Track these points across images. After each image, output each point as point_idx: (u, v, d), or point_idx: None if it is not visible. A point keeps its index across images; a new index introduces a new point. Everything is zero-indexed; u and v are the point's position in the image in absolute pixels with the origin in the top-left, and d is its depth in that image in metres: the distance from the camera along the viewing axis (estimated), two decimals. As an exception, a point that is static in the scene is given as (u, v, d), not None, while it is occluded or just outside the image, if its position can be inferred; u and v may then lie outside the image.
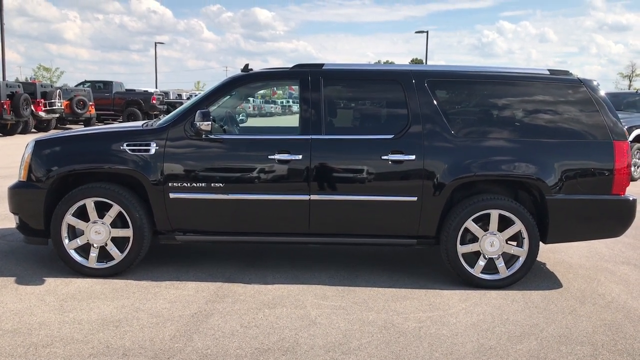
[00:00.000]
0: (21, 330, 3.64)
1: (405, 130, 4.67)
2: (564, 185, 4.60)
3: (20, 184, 4.81)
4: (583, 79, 4.84)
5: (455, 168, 4.59)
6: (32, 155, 4.76)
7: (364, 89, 5.09)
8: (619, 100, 12.99)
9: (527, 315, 4.10)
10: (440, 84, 4.85)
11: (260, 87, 5.88)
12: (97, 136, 5.04)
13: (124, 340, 3.53)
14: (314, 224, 4.70)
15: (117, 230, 4.70)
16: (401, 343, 3.60)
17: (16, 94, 19.16)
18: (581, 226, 4.76)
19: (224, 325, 3.79)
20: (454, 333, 3.77)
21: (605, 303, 4.40)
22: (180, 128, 4.71)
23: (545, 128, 4.72)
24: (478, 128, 4.75)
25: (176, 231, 4.79)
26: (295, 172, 4.64)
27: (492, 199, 4.62)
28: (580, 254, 5.79)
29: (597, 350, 3.56)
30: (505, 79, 4.85)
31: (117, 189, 4.66)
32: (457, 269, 4.66)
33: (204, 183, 4.64)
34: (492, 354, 3.47)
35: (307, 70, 4.87)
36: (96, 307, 4.05)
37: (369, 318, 3.98)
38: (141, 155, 4.65)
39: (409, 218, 4.66)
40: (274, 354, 3.40)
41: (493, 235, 4.63)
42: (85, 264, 4.70)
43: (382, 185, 4.66)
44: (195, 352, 3.40)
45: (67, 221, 4.67)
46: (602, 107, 4.72)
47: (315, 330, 3.76)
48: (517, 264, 4.67)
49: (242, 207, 4.70)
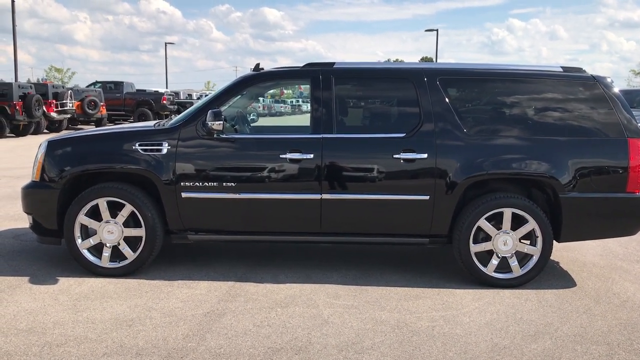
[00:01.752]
0: (35, 329, 3.67)
1: (417, 128, 4.64)
2: (578, 183, 4.55)
3: (33, 184, 4.85)
4: (596, 76, 4.79)
5: (468, 166, 4.56)
6: (44, 156, 4.79)
7: (376, 87, 5.07)
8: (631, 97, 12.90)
9: (541, 315, 4.06)
10: (452, 82, 4.82)
11: (271, 86, 5.87)
12: (109, 136, 5.06)
13: (137, 339, 3.55)
14: (326, 223, 4.69)
15: (129, 229, 4.72)
16: (414, 342, 3.58)
17: (28, 95, 19.34)
18: (595, 224, 4.72)
19: (236, 325, 3.80)
20: (468, 332, 3.74)
21: (620, 302, 4.36)
22: (192, 128, 4.72)
23: (558, 126, 4.67)
24: (490, 126, 4.71)
25: (188, 230, 4.80)
26: (307, 171, 4.63)
27: (505, 197, 4.59)
28: (594, 253, 5.73)
29: (612, 350, 3.52)
30: (517, 77, 4.81)
31: (129, 188, 4.68)
32: (470, 268, 4.63)
33: (215, 182, 4.65)
34: (506, 354, 3.45)
35: (318, 69, 4.86)
36: (109, 307, 4.07)
37: (382, 317, 3.97)
38: (153, 155, 4.66)
39: (421, 217, 4.64)
40: (286, 353, 3.40)
41: (506, 234, 4.60)
42: (98, 263, 4.72)
43: (394, 184, 4.64)
44: (208, 351, 3.41)
45: (80, 221, 4.69)
46: (616, 104, 4.67)
47: (328, 329, 3.75)
48: (531, 262, 4.63)
49: (253, 207, 4.70)
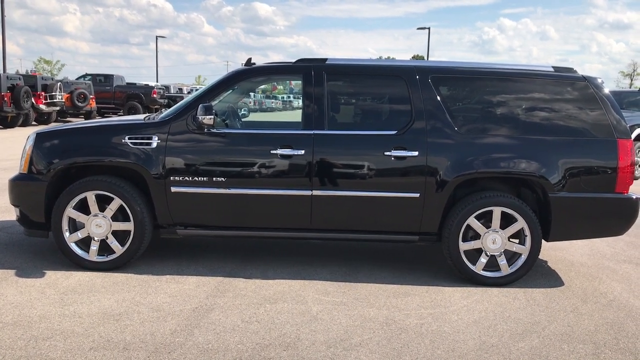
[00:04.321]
0: (21, 323, 3.63)
1: (408, 126, 4.64)
2: (567, 183, 4.58)
3: (21, 176, 4.80)
4: (587, 76, 4.81)
5: (458, 165, 4.57)
6: (33, 148, 4.74)
7: (367, 84, 5.06)
8: (620, 98, 12.96)
9: (529, 313, 4.09)
10: (444, 80, 4.83)
11: (262, 81, 5.85)
12: (99, 129, 5.02)
13: (124, 334, 3.52)
14: (316, 219, 4.69)
15: (118, 223, 4.68)
16: (402, 339, 3.59)
17: (17, 86, 19.13)
18: (584, 224, 4.75)
19: (224, 320, 3.78)
20: (456, 330, 3.75)
21: (607, 301, 4.39)
22: (182, 122, 4.69)
23: (548, 125, 4.69)
24: (481, 125, 4.72)
25: (177, 225, 4.78)
26: (298, 167, 4.62)
27: (494, 196, 4.61)
28: (582, 252, 5.77)
29: (599, 349, 3.55)
30: (509, 76, 4.82)
31: (118, 182, 4.64)
32: (459, 266, 4.65)
33: (205, 177, 4.63)
34: (494, 352, 3.46)
35: (310, 65, 4.84)
36: (97, 301, 4.04)
37: (371, 314, 3.97)
38: (143, 149, 4.63)
39: (411, 214, 4.64)
40: (275, 349, 3.39)
41: (495, 233, 4.62)
42: (85, 257, 4.69)
43: (384, 181, 4.64)
44: (196, 346, 3.39)
45: (68, 214, 4.65)
46: (607, 105, 4.70)
47: (317, 325, 3.75)
48: (519, 261, 4.66)
49: (243, 202, 4.68)
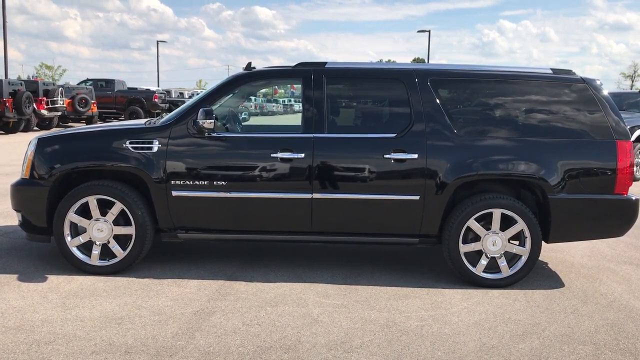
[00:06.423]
0: (24, 327, 3.65)
1: (408, 129, 4.66)
2: (567, 184, 4.59)
3: (23, 181, 4.82)
4: (586, 78, 4.83)
5: (458, 167, 4.59)
6: (34, 153, 4.77)
7: (367, 87, 5.09)
8: (621, 100, 12.95)
9: (529, 315, 4.09)
10: (443, 83, 4.84)
11: (262, 85, 5.87)
12: (100, 134, 5.05)
13: (126, 337, 3.54)
14: (316, 222, 4.70)
15: (119, 228, 4.70)
16: (403, 342, 3.60)
17: (18, 91, 19.19)
18: (583, 226, 4.76)
19: (226, 323, 3.80)
20: (456, 332, 3.76)
21: (607, 302, 4.40)
22: (183, 126, 4.71)
23: (548, 127, 4.71)
24: (481, 127, 4.74)
25: (178, 229, 4.79)
26: (298, 170, 4.64)
27: (494, 198, 4.62)
28: (582, 254, 5.78)
29: (599, 350, 3.56)
30: (508, 78, 4.84)
31: (119, 186, 4.66)
32: (459, 268, 4.66)
33: (206, 181, 4.65)
34: (494, 353, 3.47)
35: (310, 69, 4.86)
36: (98, 305, 4.06)
37: (371, 316, 3.98)
38: (144, 153, 4.65)
39: (412, 217, 4.66)
40: (276, 352, 3.40)
41: (495, 235, 4.63)
42: (87, 261, 4.71)
43: (384, 184, 4.66)
44: (198, 349, 3.41)
45: (69, 219, 4.67)
46: (605, 106, 4.71)
47: (317, 328, 3.76)
48: (519, 263, 4.66)
49: (244, 205, 4.70)
